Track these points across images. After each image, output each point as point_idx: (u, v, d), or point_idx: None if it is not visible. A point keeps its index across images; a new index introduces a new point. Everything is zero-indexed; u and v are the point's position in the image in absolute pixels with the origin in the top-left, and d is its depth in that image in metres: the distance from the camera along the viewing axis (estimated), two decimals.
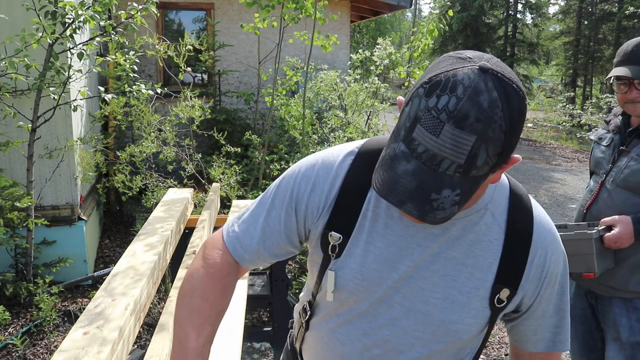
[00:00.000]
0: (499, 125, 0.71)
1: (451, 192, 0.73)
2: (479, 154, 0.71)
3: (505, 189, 0.94)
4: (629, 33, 15.83)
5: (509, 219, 0.92)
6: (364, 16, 9.31)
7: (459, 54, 0.77)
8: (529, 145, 13.99)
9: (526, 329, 1.01)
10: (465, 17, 16.67)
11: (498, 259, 0.91)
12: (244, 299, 1.94)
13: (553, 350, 1.01)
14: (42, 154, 3.79)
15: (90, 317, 1.42)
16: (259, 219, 0.99)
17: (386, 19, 26.41)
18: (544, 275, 0.94)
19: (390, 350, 0.96)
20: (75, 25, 3.12)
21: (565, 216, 6.74)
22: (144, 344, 3.22)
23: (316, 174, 0.95)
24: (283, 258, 1.06)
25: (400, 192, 0.74)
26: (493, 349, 3.41)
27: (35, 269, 3.64)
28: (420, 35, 4.75)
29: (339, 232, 0.93)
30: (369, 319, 0.96)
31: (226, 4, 6.91)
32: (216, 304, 0.96)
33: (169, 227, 2.30)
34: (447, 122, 0.70)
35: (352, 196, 0.93)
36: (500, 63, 0.76)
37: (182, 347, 0.92)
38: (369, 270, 0.93)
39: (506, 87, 0.72)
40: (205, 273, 0.97)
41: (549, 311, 0.99)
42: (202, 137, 5.57)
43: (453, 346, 0.96)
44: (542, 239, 0.93)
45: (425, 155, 0.72)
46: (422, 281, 0.92)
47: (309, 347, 1.08)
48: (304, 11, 4.34)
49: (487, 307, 0.93)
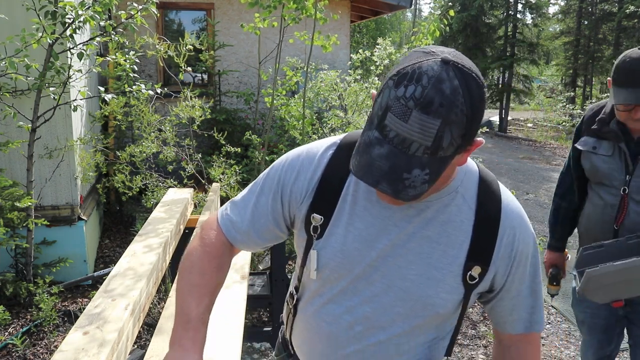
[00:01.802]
0: (460, 109, 0.79)
1: (421, 172, 0.81)
2: (444, 136, 0.79)
3: (475, 175, 1.02)
4: (629, 33, 15.84)
5: (478, 202, 1.00)
6: (364, 16, 9.31)
7: (424, 49, 0.85)
8: (529, 145, 13.99)
9: (503, 310, 1.08)
10: (465, 17, 16.65)
11: (469, 237, 0.99)
12: (244, 299, 1.94)
13: (530, 331, 1.08)
14: (42, 154, 3.79)
15: (90, 317, 1.42)
16: (249, 203, 1.10)
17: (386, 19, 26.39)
18: (514, 255, 1.01)
19: (372, 327, 1.02)
20: (75, 25, 3.12)
21: None
22: (144, 344, 3.22)
23: (300, 163, 1.06)
24: (272, 242, 1.14)
25: (376, 174, 0.82)
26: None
27: (35, 269, 3.64)
28: (421, 36, 4.75)
29: (320, 214, 1.02)
30: (350, 296, 1.03)
31: (226, 4, 6.90)
32: (213, 278, 1.06)
33: (169, 227, 2.30)
34: (415, 108, 0.78)
35: (332, 182, 1.02)
36: (461, 56, 0.85)
37: (184, 315, 1.02)
38: (349, 249, 1.00)
39: (466, 76, 0.81)
40: (202, 251, 1.07)
41: (522, 292, 1.05)
42: (202, 137, 5.57)
43: (432, 321, 1.03)
44: (510, 220, 1.01)
45: (397, 140, 0.80)
46: (399, 259, 0.99)
47: (298, 334, 1.15)
48: (305, 11, 4.34)
49: (461, 284, 0.99)
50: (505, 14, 17.24)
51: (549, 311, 3.99)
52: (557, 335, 3.64)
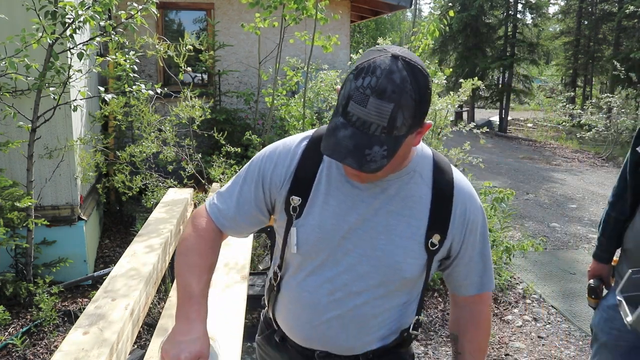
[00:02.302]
0: (410, 95, 0.95)
1: (380, 148, 0.96)
2: (397, 117, 0.95)
3: (429, 158, 1.19)
4: (629, 33, 15.84)
5: (433, 179, 1.17)
6: (364, 16, 9.31)
7: (377, 47, 1.01)
8: (529, 145, 13.98)
9: (458, 275, 1.24)
10: (465, 17, 16.63)
11: (428, 210, 1.15)
12: (244, 299, 1.94)
13: (481, 291, 1.26)
14: (42, 154, 3.79)
15: (90, 317, 1.42)
16: (234, 193, 1.24)
17: (386, 19, 26.38)
18: (466, 224, 1.18)
19: (350, 293, 1.16)
20: (75, 25, 3.12)
21: (565, 216, 6.74)
22: (144, 344, 3.22)
23: (278, 155, 1.21)
24: (256, 227, 1.28)
25: (343, 151, 0.97)
26: (493, 349, 3.41)
27: (35, 269, 3.63)
28: (421, 36, 4.75)
29: (298, 195, 1.16)
30: (329, 268, 1.17)
31: (226, 4, 6.90)
32: (208, 258, 1.20)
33: (169, 227, 2.30)
34: (371, 95, 0.94)
35: (307, 168, 1.17)
36: (409, 52, 1.00)
37: (187, 292, 1.14)
38: (325, 224, 1.15)
39: (413, 68, 0.97)
40: (196, 236, 1.21)
41: (474, 258, 1.22)
42: (202, 137, 5.57)
43: (401, 286, 1.18)
44: (461, 195, 1.18)
45: (358, 122, 0.96)
46: (369, 231, 1.14)
47: (281, 308, 1.27)
48: (305, 11, 4.34)
49: (424, 250, 1.15)
50: (505, 14, 17.22)
51: (548, 311, 3.99)
52: (557, 335, 3.64)
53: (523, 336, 3.61)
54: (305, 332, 1.23)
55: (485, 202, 4.52)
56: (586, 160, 11.51)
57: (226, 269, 2.21)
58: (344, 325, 1.19)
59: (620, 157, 11.57)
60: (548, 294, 4.29)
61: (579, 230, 6.12)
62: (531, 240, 4.33)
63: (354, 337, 1.20)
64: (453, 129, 5.12)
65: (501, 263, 4.46)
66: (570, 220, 6.56)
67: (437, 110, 4.77)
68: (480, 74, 16.60)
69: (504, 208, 4.82)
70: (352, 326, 1.19)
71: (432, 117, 4.85)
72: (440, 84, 4.93)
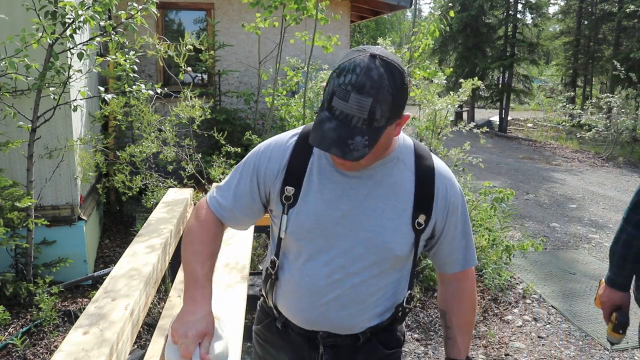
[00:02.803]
0: (387, 89, 1.05)
1: (361, 138, 1.06)
2: (376, 110, 1.05)
3: (411, 147, 1.29)
4: (629, 33, 15.83)
5: (416, 166, 1.27)
6: (364, 16, 9.31)
7: (358, 47, 1.11)
8: (529, 145, 13.98)
9: (443, 253, 1.34)
10: (465, 17, 16.63)
11: (412, 193, 1.25)
12: (244, 299, 1.94)
13: (465, 267, 1.35)
14: (42, 154, 3.79)
15: (90, 317, 1.42)
16: (231, 187, 1.33)
17: (386, 19, 26.38)
18: (448, 205, 1.28)
19: (347, 274, 1.25)
20: (75, 25, 3.12)
21: (565, 216, 6.74)
22: (144, 344, 3.22)
23: (271, 150, 1.30)
24: (253, 218, 1.37)
25: (328, 142, 1.07)
26: (493, 349, 3.41)
27: (35, 269, 3.63)
28: (421, 36, 4.75)
29: (291, 185, 1.26)
30: (326, 252, 1.25)
31: (226, 4, 6.90)
32: (211, 246, 1.31)
33: (169, 227, 2.30)
34: (352, 91, 1.04)
35: (299, 161, 1.27)
36: (386, 51, 1.11)
37: (192, 277, 1.25)
38: (318, 211, 1.24)
39: (389, 65, 1.07)
40: (199, 226, 1.32)
41: (457, 236, 1.32)
42: (202, 137, 5.57)
43: (393, 264, 1.27)
44: (442, 178, 1.28)
45: (341, 116, 1.06)
46: (360, 216, 1.23)
47: (282, 295, 1.34)
48: (306, 12, 4.34)
49: (411, 230, 1.25)
50: (505, 14, 17.21)
51: (548, 311, 3.99)
52: (557, 335, 3.64)
53: (523, 336, 3.61)
54: (308, 315, 1.30)
55: (485, 202, 4.52)
56: (586, 160, 11.51)
57: (227, 269, 2.21)
58: (343, 305, 1.27)
59: (620, 157, 11.57)
60: (548, 294, 4.29)
61: (579, 230, 6.12)
62: (531, 240, 4.33)
63: (353, 316, 1.29)
64: (453, 129, 5.12)
65: (501, 263, 4.46)
66: (570, 220, 6.55)
67: (437, 110, 4.77)
68: (480, 74, 16.60)
69: (504, 208, 4.82)
70: (351, 305, 1.28)
71: (432, 117, 4.85)
72: (440, 84, 4.93)
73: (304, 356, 1.37)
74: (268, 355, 1.46)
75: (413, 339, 3.49)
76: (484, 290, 4.22)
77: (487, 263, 4.36)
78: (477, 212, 4.58)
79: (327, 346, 1.33)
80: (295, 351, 1.37)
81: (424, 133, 4.90)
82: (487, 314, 3.90)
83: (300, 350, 1.37)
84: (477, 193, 4.49)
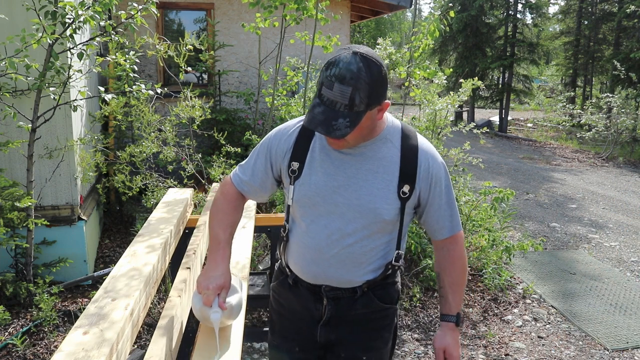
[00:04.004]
0: (364, 80, 1.28)
1: (344, 120, 1.30)
2: (355, 97, 1.28)
3: (399, 129, 1.52)
4: (629, 33, 15.82)
5: (402, 144, 1.49)
6: (364, 16, 9.31)
7: (344, 46, 1.34)
8: (529, 145, 13.98)
9: (431, 220, 1.55)
10: (465, 17, 16.62)
11: (398, 167, 1.47)
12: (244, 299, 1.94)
13: (452, 233, 1.56)
14: (42, 154, 3.79)
15: (90, 317, 1.42)
16: (250, 165, 1.62)
17: (386, 19, 26.40)
18: (431, 177, 1.49)
19: (344, 235, 1.49)
20: (75, 25, 3.12)
21: (564, 216, 6.74)
22: (144, 344, 3.22)
23: (281, 133, 1.58)
24: (269, 191, 1.63)
25: (315, 122, 1.32)
26: (493, 349, 3.42)
27: (35, 269, 3.63)
28: (421, 36, 4.75)
29: (297, 161, 1.52)
30: (325, 216, 1.50)
31: (226, 4, 6.90)
32: (232, 216, 1.59)
33: (169, 227, 2.30)
34: (336, 81, 1.28)
35: (303, 142, 1.53)
36: (368, 49, 1.34)
37: (215, 241, 1.53)
38: (319, 182, 1.49)
39: (368, 60, 1.29)
40: (223, 199, 1.61)
41: (442, 205, 1.53)
42: (202, 137, 5.57)
43: (383, 227, 1.49)
44: (424, 154, 1.50)
45: (328, 102, 1.30)
46: (353, 186, 1.47)
47: (291, 254, 1.60)
48: (306, 12, 4.34)
49: (397, 198, 1.47)
50: (505, 14, 17.20)
51: (548, 311, 3.99)
52: (557, 335, 3.64)
53: (523, 336, 3.61)
54: (312, 270, 1.55)
55: (485, 202, 4.52)
56: (586, 160, 11.51)
57: None
58: (341, 262, 1.51)
59: (620, 157, 11.57)
60: (548, 294, 4.29)
61: (579, 230, 6.12)
62: (531, 240, 4.33)
63: (350, 271, 1.52)
64: (453, 129, 5.12)
65: (501, 263, 4.46)
66: (570, 220, 6.56)
67: (437, 110, 4.77)
68: (480, 74, 16.60)
69: (504, 208, 4.82)
70: (348, 262, 1.51)
71: (432, 117, 4.85)
72: (440, 84, 4.93)
73: (310, 307, 1.59)
74: (282, 308, 1.69)
75: (413, 339, 3.49)
76: (484, 290, 4.22)
77: (487, 263, 4.36)
78: (477, 212, 4.58)
79: (330, 298, 1.56)
80: (304, 303, 1.61)
81: (424, 133, 4.90)
82: (487, 314, 3.90)
83: (307, 302, 1.60)
84: (477, 193, 4.49)
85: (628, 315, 3.93)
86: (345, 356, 1.60)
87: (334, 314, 1.57)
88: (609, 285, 4.51)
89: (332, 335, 1.60)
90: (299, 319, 1.64)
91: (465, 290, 4.16)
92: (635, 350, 3.45)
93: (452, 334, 1.59)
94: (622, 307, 4.08)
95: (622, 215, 6.87)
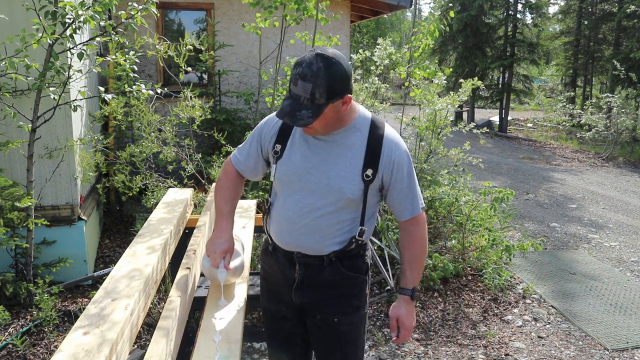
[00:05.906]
0: (322, 78, 1.50)
1: (306, 111, 1.52)
2: (315, 92, 1.50)
3: (368, 120, 1.72)
4: (629, 33, 15.82)
5: (369, 133, 1.69)
6: (364, 16, 9.30)
7: (311, 48, 1.56)
8: (529, 145, 13.98)
9: (394, 202, 1.74)
10: (465, 17, 16.62)
11: (364, 153, 1.67)
12: (244, 299, 1.94)
13: (413, 215, 1.75)
14: (42, 154, 3.79)
15: (90, 317, 1.42)
16: (246, 147, 1.88)
17: (386, 19, 26.39)
18: (393, 163, 1.68)
19: (313, 208, 1.70)
20: (75, 26, 3.12)
21: (564, 216, 6.74)
22: (144, 344, 3.22)
23: (270, 120, 1.83)
24: (262, 170, 1.88)
25: (284, 113, 1.55)
26: (493, 349, 3.42)
27: (35, 269, 3.63)
28: (421, 36, 4.75)
29: (280, 144, 1.76)
30: (299, 192, 1.71)
31: (226, 4, 6.90)
32: (232, 190, 1.88)
33: (169, 227, 2.30)
34: (299, 79, 1.51)
35: (286, 128, 1.77)
36: (331, 49, 1.55)
37: (220, 212, 1.84)
38: (296, 163, 1.72)
39: (328, 61, 1.51)
40: (225, 177, 1.90)
41: (404, 189, 1.71)
42: (202, 137, 5.57)
43: (348, 204, 1.69)
44: (388, 142, 1.69)
45: (294, 96, 1.53)
46: (324, 167, 1.68)
47: (271, 224, 1.83)
48: (306, 12, 4.33)
49: (361, 180, 1.67)
50: (505, 14, 17.19)
51: (548, 311, 3.99)
52: (557, 335, 3.64)
53: (523, 336, 3.61)
54: (286, 239, 1.76)
55: (485, 202, 4.51)
56: (586, 160, 11.50)
57: None
58: (311, 232, 1.71)
59: (620, 157, 11.57)
60: (548, 294, 4.29)
61: (579, 230, 6.12)
62: (531, 240, 4.33)
63: (318, 241, 1.72)
64: (453, 129, 5.12)
65: (501, 263, 4.46)
66: (570, 220, 6.56)
67: (437, 111, 4.77)
68: (480, 74, 16.59)
69: (503, 208, 4.81)
70: (317, 233, 1.71)
71: (432, 117, 4.85)
72: (440, 84, 4.93)
73: (286, 272, 1.81)
74: (266, 273, 1.93)
75: (413, 339, 3.49)
76: (484, 290, 4.22)
77: (487, 263, 4.36)
78: (477, 212, 4.58)
79: (301, 264, 1.76)
80: (282, 268, 1.82)
81: (424, 133, 4.90)
82: (487, 313, 3.90)
83: (284, 267, 1.81)
84: (477, 193, 4.49)
85: (628, 315, 3.93)
86: (320, 318, 1.81)
87: (304, 279, 1.78)
88: (609, 285, 4.51)
89: (305, 299, 1.80)
90: (279, 282, 1.86)
91: (466, 290, 4.17)
92: (635, 350, 3.45)
93: (406, 305, 1.78)
94: (622, 307, 4.08)
95: (622, 215, 6.87)
